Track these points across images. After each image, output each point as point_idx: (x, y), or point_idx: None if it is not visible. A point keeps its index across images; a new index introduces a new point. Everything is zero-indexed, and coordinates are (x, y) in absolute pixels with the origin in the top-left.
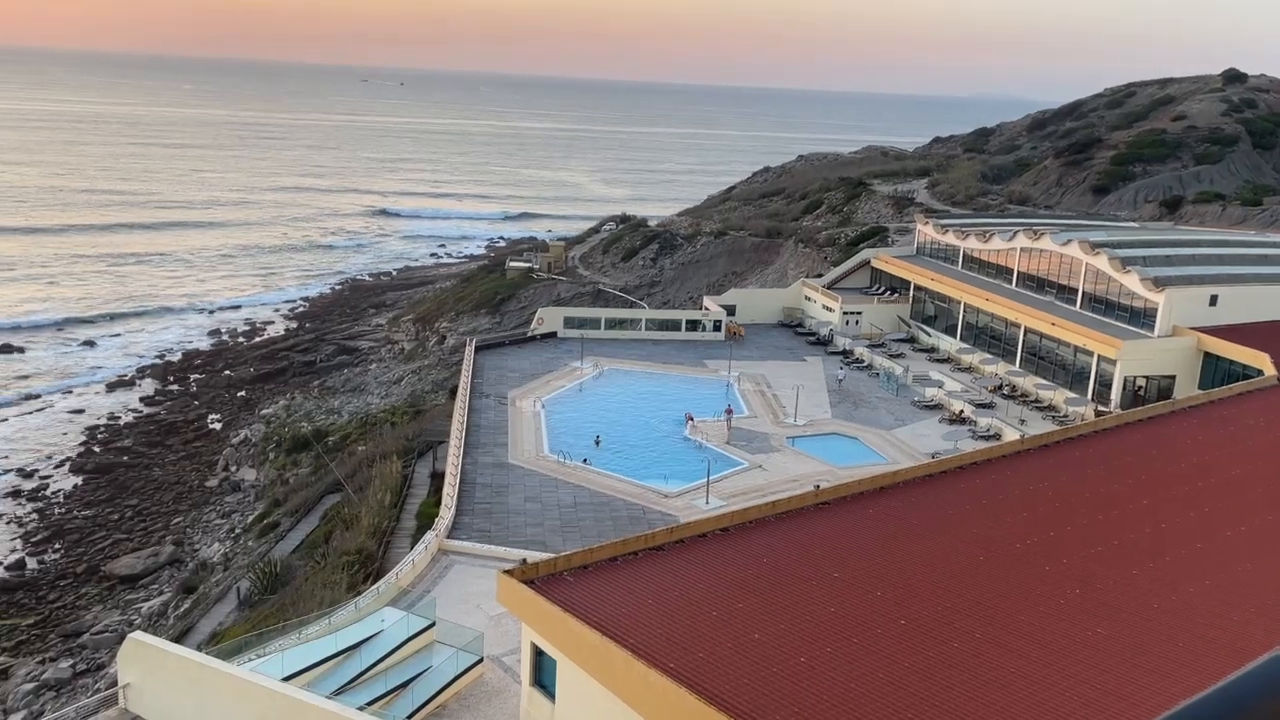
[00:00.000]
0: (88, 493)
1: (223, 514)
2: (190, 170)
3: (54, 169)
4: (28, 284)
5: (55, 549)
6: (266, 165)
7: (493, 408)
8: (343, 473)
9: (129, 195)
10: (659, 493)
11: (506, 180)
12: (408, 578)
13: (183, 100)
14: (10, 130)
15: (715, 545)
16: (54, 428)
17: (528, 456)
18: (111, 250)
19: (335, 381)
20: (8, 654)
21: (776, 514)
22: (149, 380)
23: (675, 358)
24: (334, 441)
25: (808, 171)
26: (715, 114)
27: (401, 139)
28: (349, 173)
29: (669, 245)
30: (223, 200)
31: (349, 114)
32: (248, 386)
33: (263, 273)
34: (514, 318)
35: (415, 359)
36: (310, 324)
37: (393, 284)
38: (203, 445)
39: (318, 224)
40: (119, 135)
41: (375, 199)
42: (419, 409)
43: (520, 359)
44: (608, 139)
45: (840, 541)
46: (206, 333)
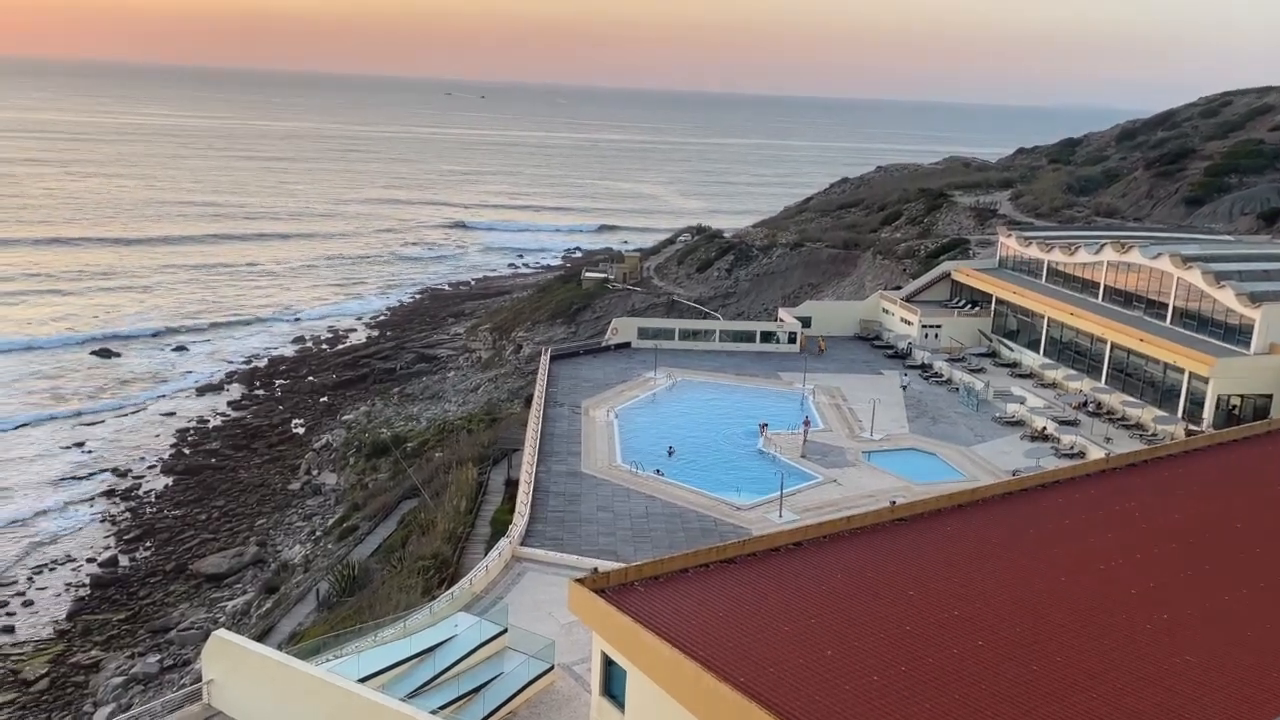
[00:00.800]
0: (177, 493)
1: (304, 516)
2: (278, 183)
3: (151, 181)
4: (125, 293)
5: (146, 547)
6: (351, 177)
7: (567, 417)
8: (420, 478)
9: (220, 207)
10: (731, 505)
11: (584, 192)
12: (481, 583)
13: (272, 114)
14: (111, 144)
15: (788, 560)
16: (147, 430)
17: (600, 466)
18: (203, 260)
19: (414, 389)
20: (99, 648)
21: (851, 529)
22: (237, 385)
23: (749, 369)
24: (412, 448)
25: (886, 182)
26: (792, 125)
27: (481, 151)
28: (430, 185)
29: (744, 257)
30: (308, 211)
31: (432, 127)
32: (330, 392)
33: (346, 282)
34: (589, 328)
35: (492, 367)
36: (391, 332)
37: (471, 293)
38: (286, 449)
39: (399, 235)
40: (213, 148)
41: (455, 210)
42: (495, 417)
43: (594, 369)
44: (684, 150)
45: (917, 559)
46: (291, 340)
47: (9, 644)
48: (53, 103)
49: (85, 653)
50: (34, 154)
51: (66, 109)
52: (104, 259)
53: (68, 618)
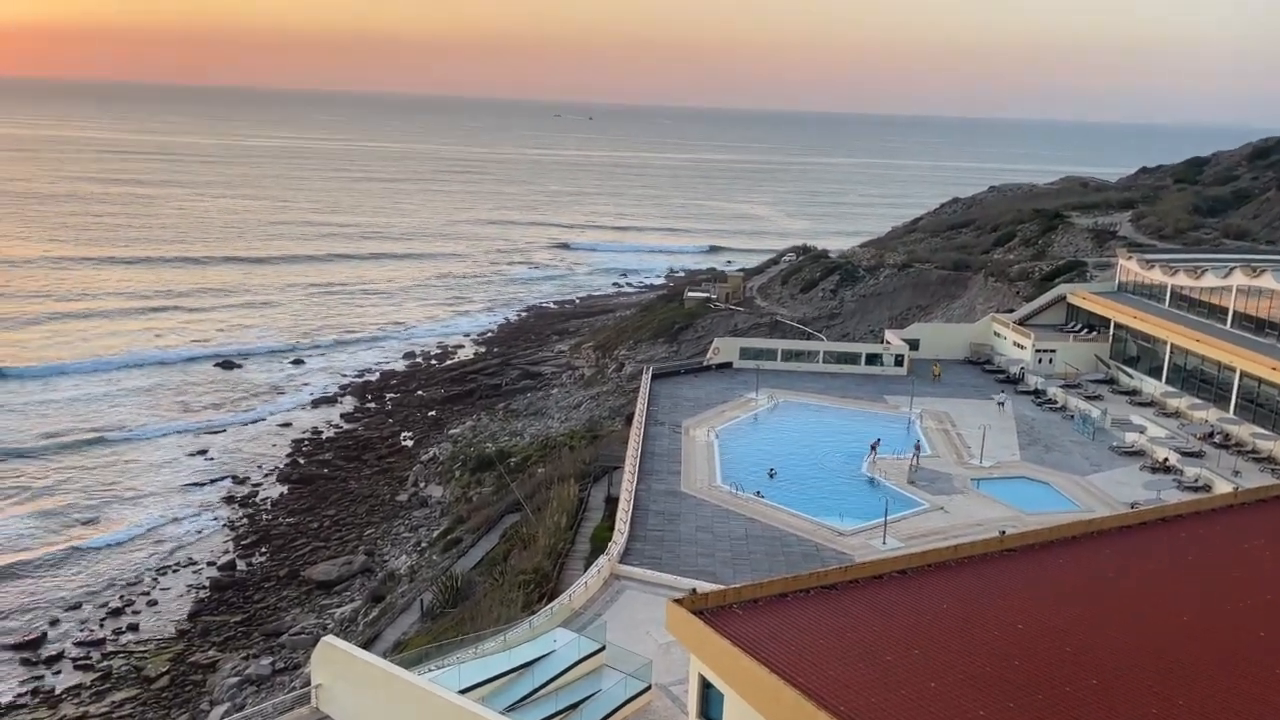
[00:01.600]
0: (292, 501)
1: (410, 527)
2: (392, 203)
3: (274, 201)
4: (248, 309)
5: (262, 552)
6: (462, 198)
7: (667, 435)
8: (522, 493)
9: (338, 227)
10: (833, 530)
11: (688, 212)
12: (580, 600)
13: (389, 135)
14: (238, 165)
15: (892, 588)
16: (265, 439)
17: (700, 486)
18: (320, 279)
19: (519, 404)
20: (216, 648)
21: (958, 559)
22: (349, 398)
23: (854, 392)
24: (515, 462)
25: (999, 203)
26: (901, 144)
27: (588, 172)
28: (538, 205)
29: (850, 277)
30: (420, 231)
31: (541, 149)
32: (438, 407)
33: (455, 300)
34: (690, 347)
35: (594, 385)
36: (497, 349)
37: (575, 312)
38: (395, 461)
39: (507, 254)
40: (330, 169)
41: (561, 230)
42: (596, 434)
43: (695, 388)
44: (790, 170)
45: (1027, 591)
46: (402, 355)
47: (134, 641)
48: (185, 127)
49: (203, 652)
50: (167, 175)
51: (197, 132)
52: (229, 277)
53: (188, 618)
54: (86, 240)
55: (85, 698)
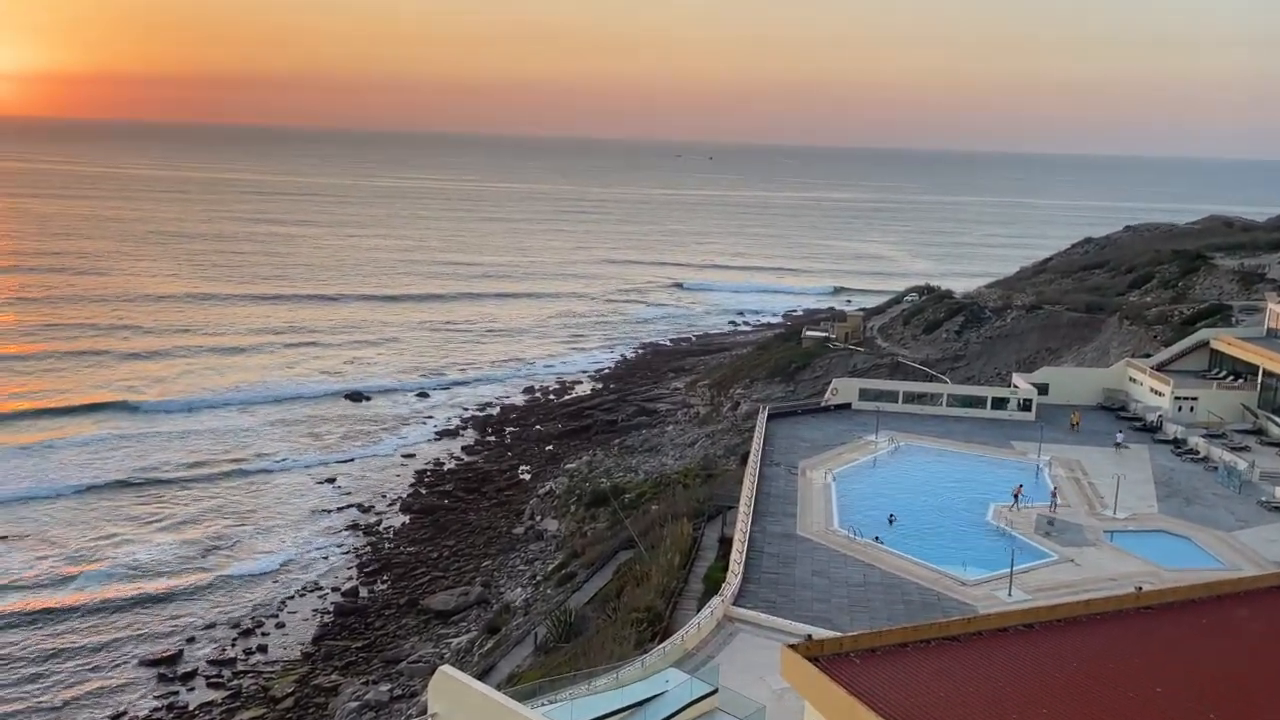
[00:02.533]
0: (413, 531)
1: (526, 560)
2: (515, 243)
3: (403, 240)
4: (376, 345)
5: (383, 580)
6: (582, 237)
7: (783, 476)
8: (636, 530)
9: (462, 265)
10: (956, 579)
11: (807, 251)
12: (693, 641)
13: (515, 176)
14: (370, 205)
15: (1018, 642)
16: (389, 470)
17: (817, 529)
18: (445, 316)
19: (634, 441)
20: (338, 672)
21: (1090, 614)
22: (470, 431)
23: (979, 436)
24: (630, 499)
25: (1136, 243)
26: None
27: (707, 211)
28: (657, 244)
29: (975, 318)
30: (541, 270)
31: (661, 188)
32: (555, 441)
33: (573, 336)
34: (808, 387)
35: (709, 423)
36: (614, 385)
37: (691, 350)
38: (512, 494)
39: (625, 292)
40: (459, 209)
41: (679, 269)
42: (711, 472)
43: (813, 429)
44: (911, 209)
45: (1165, 652)
46: (522, 390)
47: (262, 662)
48: (325, 168)
49: (326, 676)
50: (306, 215)
51: (336, 174)
52: (359, 314)
53: (313, 642)
54: (228, 278)
55: (216, 714)
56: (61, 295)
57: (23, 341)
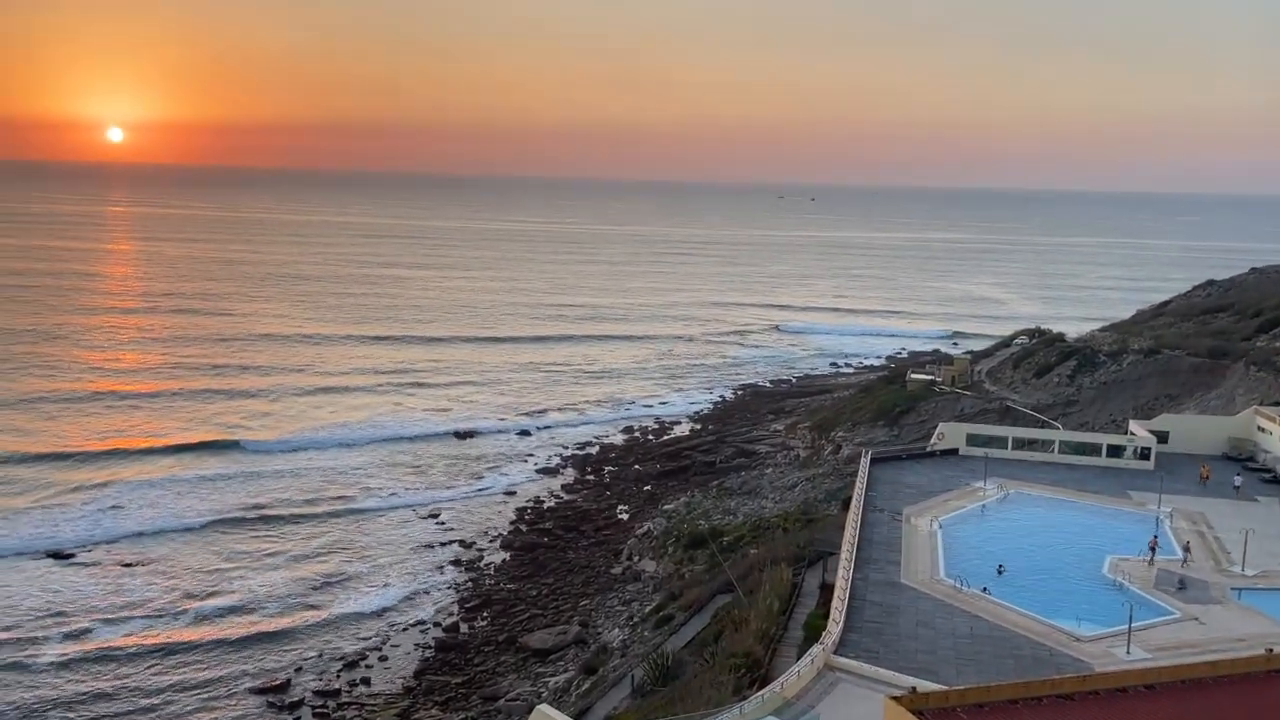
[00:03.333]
0: (513, 568)
1: (624, 601)
2: (616, 284)
3: (507, 282)
4: (480, 385)
5: (483, 616)
6: (683, 278)
7: (886, 523)
8: (735, 574)
9: (564, 307)
10: (1069, 634)
11: (911, 293)
12: (792, 689)
13: (614, 218)
14: (479, 248)
15: (1137, 703)
16: (491, 507)
17: (921, 578)
18: (546, 356)
19: (732, 483)
20: (438, 708)
21: (1217, 676)
22: (570, 470)
23: (1093, 485)
24: (728, 542)
25: (1263, 285)
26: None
27: (809, 252)
28: (757, 285)
29: (1088, 362)
30: (641, 311)
31: (762, 229)
32: (653, 482)
33: (673, 377)
34: (912, 431)
35: (810, 466)
36: (713, 426)
37: (791, 391)
38: (610, 534)
39: (725, 333)
40: (563, 251)
41: (780, 311)
42: (811, 517)
43: (917, 474)
44: (1022, 250)
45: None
46: (621, 429)
47: (365, 694)
48: (435, 212)
49: (427, 710)
50: (417, 257)
51: (445, 217)
52: (464, 354)
53: (414, 675)
54: (339, 318)
55: None
56: (184, 335)
57: (149, 380)
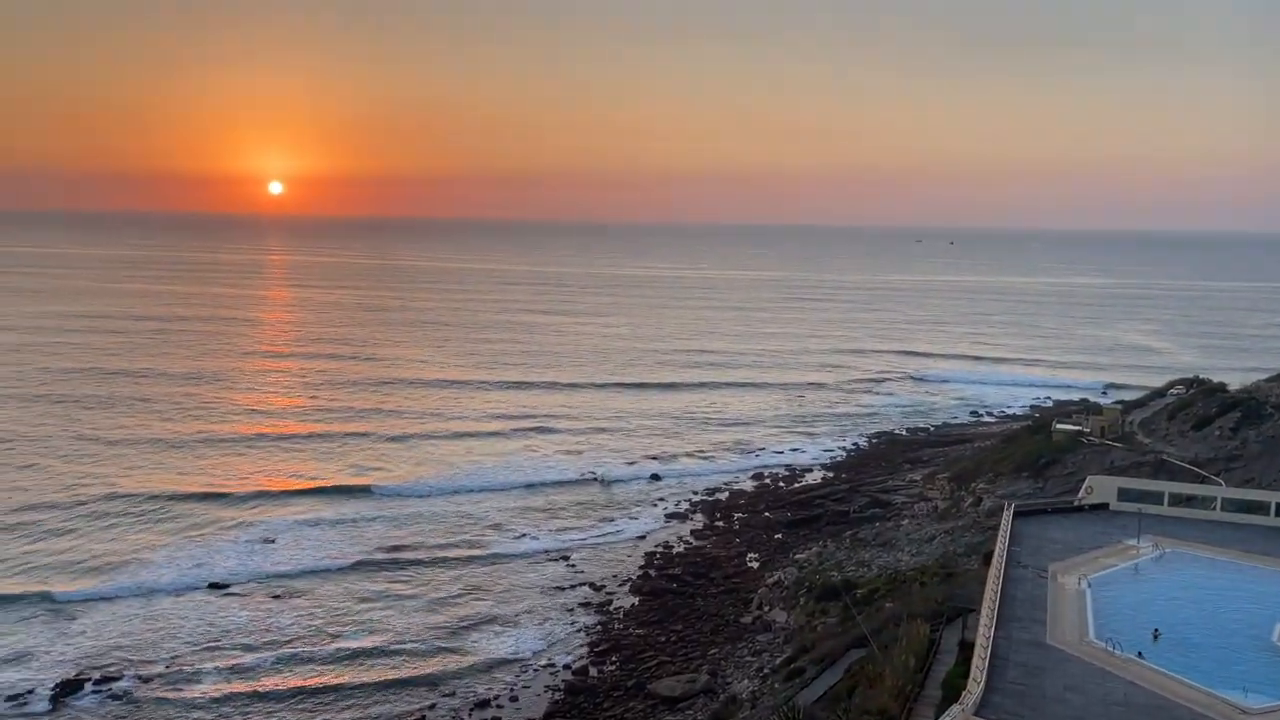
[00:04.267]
0: (642, 613)
1: (753, 651)
2: (746, 330)
3: (638, 328)
4: (612, 430)
5: (612, 661)
6: (814, 325)
7: (1030, 580)
8: (869, 627)
9: (695, 353)
10: (1236, 706)
11: (1056, 339)
12: None
13: (743, 263)
14: (610, 294)
15: None
16: (620, 550)
17: (1069, 639)
18: (677, 401)
19: (866, 534)
20: None
21: None
22: (699, 516)
23: (1261, 546)
24: (862, 594)
25: None
26: None
27: (947, 297)
28: (892, 331)
29: (1254, 414)
30: (772, 357)
31: (898, 274)
32: (784, 530)
33: (804, 424)
34: (1058, 484)
35: (948, 519)
36: (846, 474)
37: (929, 440)
38: (740, 582)
39: (858, 380)
40: (694, 295)
41: (916, 358)
42: (950, 571)
43: (1064, 530)
44: (1175, 295)
45: None
46: (751, 475)
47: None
48: (569, 259)
49: None
50: (552, 303)
51: (580, 263)
52: (595, 399)
53: (544, 718)
54: (475, 364)
55: None
56: (328, 380)
57: (293, 422)
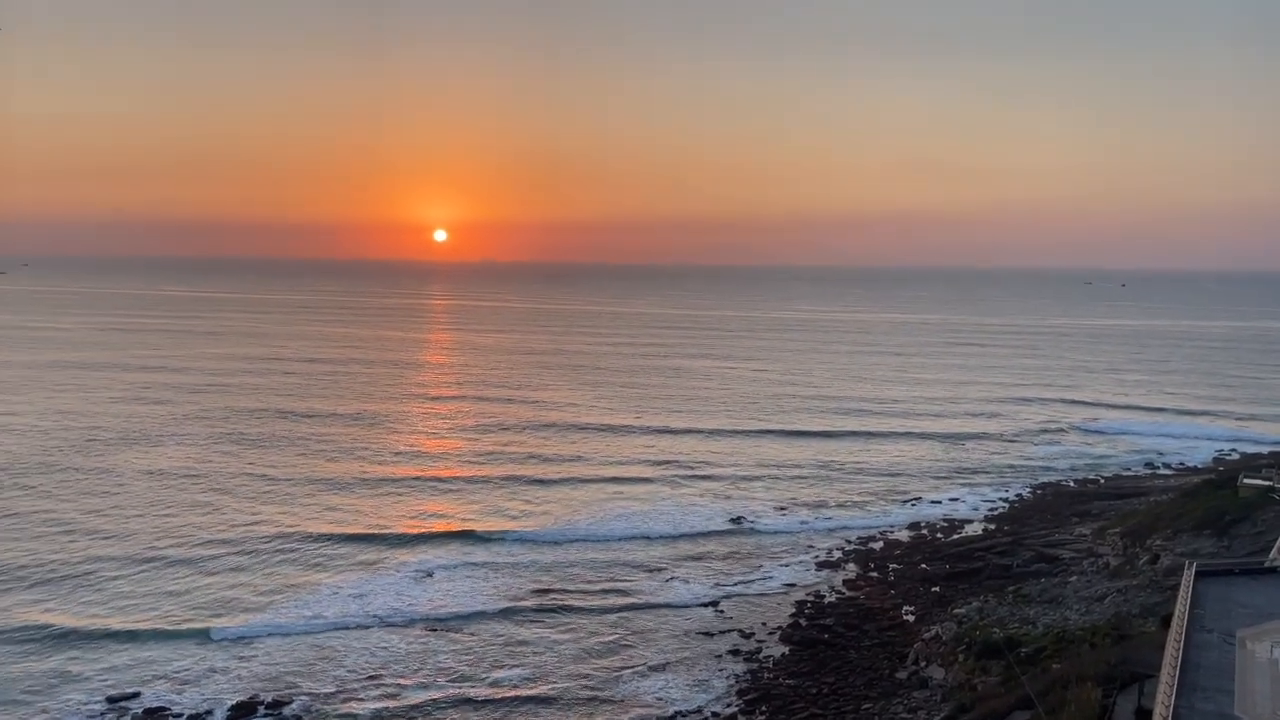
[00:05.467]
0: (792, 663)
1: (909, 708)
2: (900, 375)
3: (790, 373)
4: (761, 476)
5: (762, 711)
6: (974, 370)
7: (1216, 646)
8: (1034, 689)
9: (848, 399)
10: None
11: (1242, 387)
12: None
13: (903, 306)
14: (760, 338)
15: None
16: (770, 598)
17: (1260, 712)
18: (826, 447)
19: (1031, 589)
20: None
21: None
22: (852, 565)
23: None
24: (1026, 653)
25: None
26: None
27: (1118, 343)
28: (1058, 377)
29: None
30: (931, 403)
31: (1065, 318)
32: (942, 583)
33: (963, 472)
34: (1246, 543)
35: (1121, 576)
36: (1007, 526)
37: (1099, 492)
38: (894, 635)
39: (1022, 428)
40: (844, 340)
41: (1086, 406)
42: (1123, 633)
43: (1253, 593)
44: None
45: None
46: (906, 524)
47: None
48: (722, 300)
49: None
50: (702, 347)
51: (733, 306)
52: (743, 445)
53: None
54: (624, 408)
55: None
56: (482, 423)
57: (448, 466)
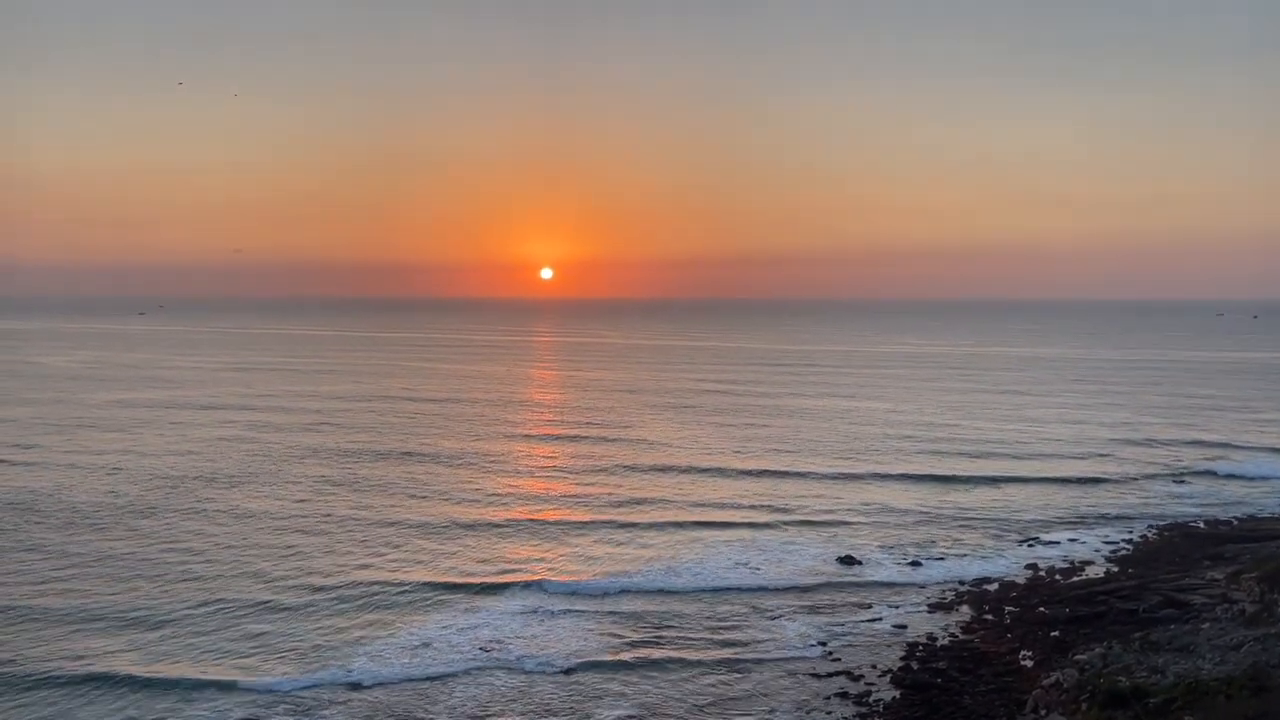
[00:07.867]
0: (903, 707)
1: None
2: (1018, 413)
3: (895, 411)
4: (870, 514)
5: None
6: (1093, 409)
7: None
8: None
9: (960, 437)
10: None
11: None
12: None
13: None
14: (865, 373)
15: None
16: (880, 639)
17: None
18: (941, 487)
19: (1159, 636)
20: None
21: None
22: (966, 607)
23: None
24: (1155, 704)
25: None
26: None
27: (1251, 376)
28: (1183, 413)
29: None
30: (1048, 441)
31: (1190, 350)
32: (1062, 627)
33: (1085, 512)
34: None
35: (1260, 624)
36: (1132, 569)
37: (1232, 534)
38: (1011, 680)
39: (1146, 466)
40: (954, 374)
41: (1216, 445)
42: (1261, 685)
43: None
44: None
45: None
46: (1024, 565)
47: None
48: (819, 335)
49: None
50: (800, 384)
51: (830, 341)
52: (849, 485)
53: None
54: (721, 448)
55: None
56: (581, 465)
57: (545, 508)
